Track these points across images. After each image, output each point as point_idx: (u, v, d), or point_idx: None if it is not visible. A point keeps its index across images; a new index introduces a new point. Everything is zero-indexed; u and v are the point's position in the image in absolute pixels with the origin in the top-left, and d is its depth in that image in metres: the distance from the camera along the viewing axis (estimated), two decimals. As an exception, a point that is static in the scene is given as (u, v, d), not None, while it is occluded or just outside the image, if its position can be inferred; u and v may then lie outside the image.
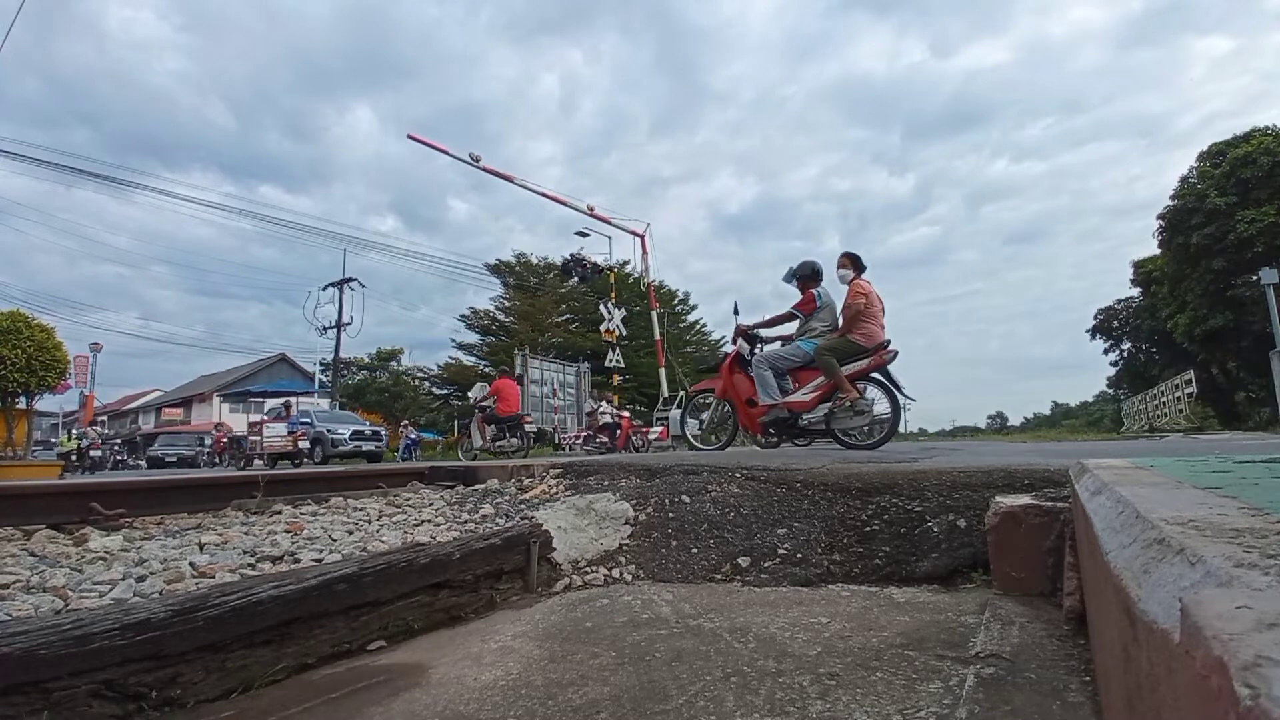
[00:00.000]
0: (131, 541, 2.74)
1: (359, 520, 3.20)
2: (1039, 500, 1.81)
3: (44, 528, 2.98)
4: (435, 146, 17.59)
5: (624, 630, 1.63)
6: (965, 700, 1.09)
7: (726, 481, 2.78)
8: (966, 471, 2.31)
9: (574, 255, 21.14)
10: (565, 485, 3.48)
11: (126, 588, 1.94)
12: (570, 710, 1.17)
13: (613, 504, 2.71)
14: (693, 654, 1.42)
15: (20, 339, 9.00)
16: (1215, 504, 0.88)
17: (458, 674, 1.40)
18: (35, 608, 1.74)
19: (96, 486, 3.49)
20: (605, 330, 20.73)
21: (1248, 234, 21.47)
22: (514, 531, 2.14)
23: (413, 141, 17.49)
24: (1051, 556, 1.69)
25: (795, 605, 1.79)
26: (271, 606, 1.42)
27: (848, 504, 2.37)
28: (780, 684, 1.21)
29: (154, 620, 1.25)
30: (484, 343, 32.40)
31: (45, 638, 1.13)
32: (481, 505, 3.36)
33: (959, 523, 2.10)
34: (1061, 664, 1.23)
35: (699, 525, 2.48)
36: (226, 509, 3.64)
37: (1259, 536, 0.64)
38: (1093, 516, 1.06)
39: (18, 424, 9.78)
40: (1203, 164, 24.15)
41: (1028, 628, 1.45)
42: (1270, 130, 22.76)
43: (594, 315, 24.25)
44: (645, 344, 28.21)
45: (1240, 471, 1.53)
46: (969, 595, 1.83)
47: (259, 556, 2.37)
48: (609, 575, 2.24)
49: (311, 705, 1.28)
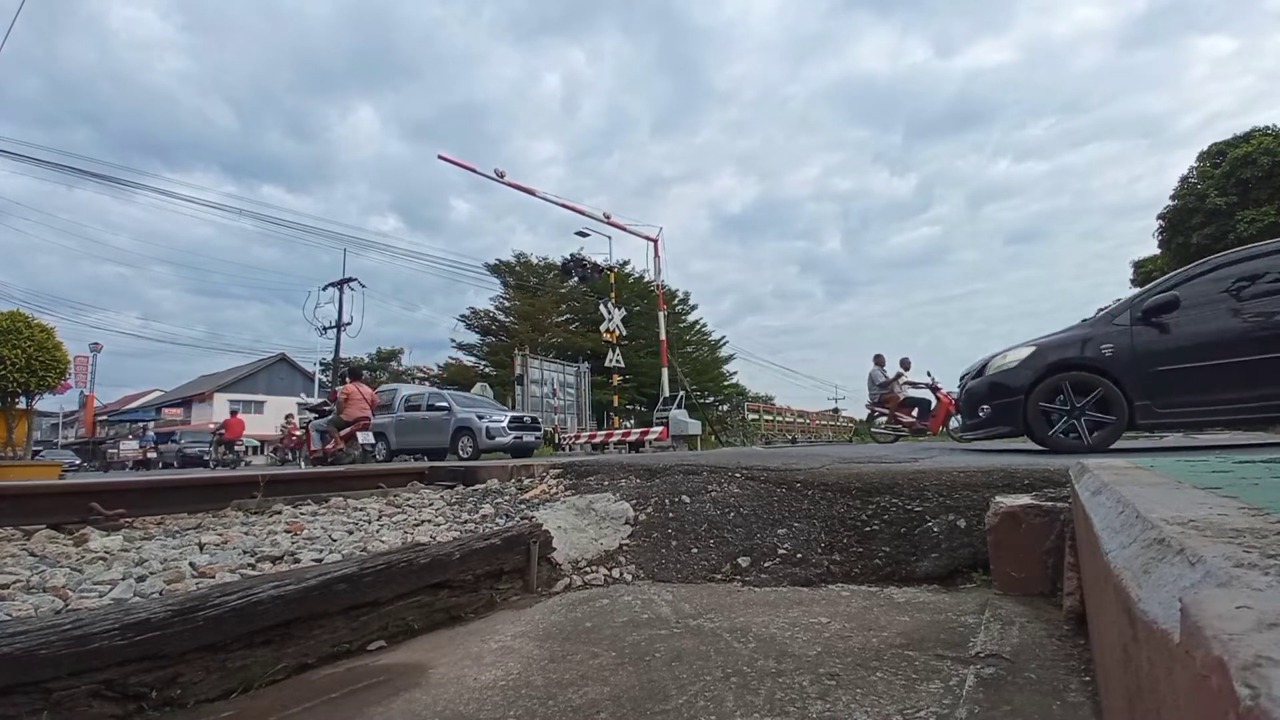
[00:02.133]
0: (131, 541, 2.74)
1: (359, 520, 3.20)
2: (1039, 500, 1.81)
3: (44, 528, 2.97)
4: (464, 165, 18.05)
5: (624, 630, 1.63)
6: (965, 700, 1.09)
7: (726, 481, 2.78)
8: (966, 471, 2.31)
9: (574, 255, 21.14)
10: (565, 485, 3.48)
11: (126, 588, 1.94)
12: (570, 710, 1.16)
13: (613, 504, 2.71)
14: (693, 654, 1.42)
15: (20, 339, 9.00)
16: (1215, 504, 0.88)
17: (458, 674, 1.40)
18: (35, 608, 1.74)
19: (96, 486, 3.48)
20: (605, 330, 20.72)
21: (1248, 234, 21.44)
22: (514, 531, 2.14)
23: (444, 162, 17.88)
24: (1051, 556, 1.69)
25: (795, 605, 1.79)
26: (271, 606, 1.42)
27: (848, 504, 2.37)
28: (780, 684, 1.21)
29: (154, 620, 1.25)
30: (484, 343, 32.38)
31: (45, 638, 1.13)
32: (481, 505, 3.36)
33: (959, 523, 2.10)
34: (1061, 664, 1.23)
35: (699, 525, 2.48)
36: (226, 509, 3.64)
37: (1259, 536, 0.64)
38: (1093, 516, 1.06)
39: (18, 424, 9.78)
40: (1203, 164, 24.14)
41: (1028, 628, 1.45)
42: (1270, 130, 22.75)
43: (594, 315, 24.24)
44: (645, 344, 28.23)
45: (1240, 471, 1.53)
46: (969, 595, 1.83)
47: (259, 556, 2.37)
48: (609, 575, 2.24)
49: (311, 705, 1.28)
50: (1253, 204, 21.91)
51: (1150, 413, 4.28)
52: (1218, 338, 4.12)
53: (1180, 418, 4.28)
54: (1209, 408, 4.18)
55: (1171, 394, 4.21)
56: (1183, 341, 4.23)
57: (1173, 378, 4.21)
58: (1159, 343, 4.30)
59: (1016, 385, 4.69)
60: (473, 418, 12.46)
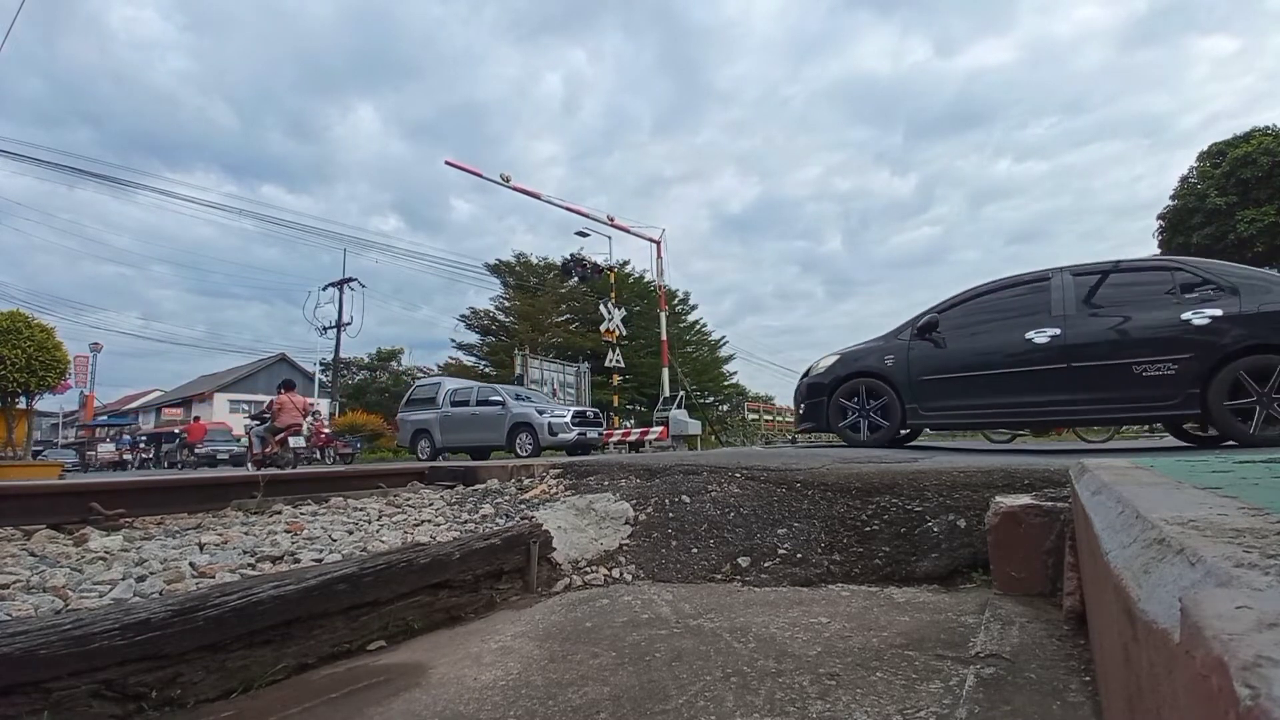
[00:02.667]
0: (131, 541, 2.74)
1: (359, 520, 3.20)
2: (1039, 500, 1.81)
3: (44, 528, 2.97)
4: (471, 171, 18.19)
5: (624, 630, 1.63)
6: (965, 700, 1.09)
7: (726, 481, 2.78)
8: (966, 471, 2.31)
9: (574, 255, 21.16)
10: (565, 485, 3.48)
11: (126, 588, 1.94)
12: (570, 710, 1.17)
13: (613, 504, 2.71)
14: (693, 654, 1.42)
15: (20, 339, 9.00)
16: (1215, 504, 0.88)
17: (458, 674, 1.40)
18: (35, 608, 1.74)
19: (96, 486, 3.48)
20: (605, 330, 20.74)
21: (1248, 234, 21.46)
22: (514, 531, 2.14)
23: (450, 166, 17.99)
24: (1051, 556, 1.69)
25: (795, 605, 1.79)
26: (271, 606, 1.42)
27: (848, 504, 2.37)
28: (780, 684, 1.21)
29: (154, 620, 1.25)
30: (484, 343, 32.40)
31: (45, 638, 1.13)
32: (481, 505, 3.37)
33: (959, 523, 2.10)
34: (1061, 664, 1.23)
35: (699, 525, 2.48)
36: (226, 509, 3.64)
37: (1259, 536, 0.64)
38: (1093, 516, 1.06)
39: (18, 424, 9.79)
40: (1203, 164, 24.13)
41: (1028, 628, 1.45)
42: (1270, 130, 22.73)
43: (594, 315, 24.25)
44: (645, 344, 28.24)
45: (1240, 471, 1.53)
46: (969, 595, 1.83)
47: (259, 556, 2.37)
48: (609, 575, 2.24)
49: (311, 705, 1.28)
50: (1252, 204, 21.90)
51: (916, 414, 5.12)
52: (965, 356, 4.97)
53: (938, 419, 5.14)
54: (958, 412, 5.05)
55: (931, 399, 5.06)
56: (940, 357, 5.08)
57: (932, 386, 5.06)
58: (924, 357, 5.13)
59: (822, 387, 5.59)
60: (532, 413, 12.03)
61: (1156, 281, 4.53)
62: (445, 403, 13.10)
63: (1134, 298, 4.54)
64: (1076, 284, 4.73)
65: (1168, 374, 4.27)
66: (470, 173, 18.15)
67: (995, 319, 4.95)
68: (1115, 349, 4.44)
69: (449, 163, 17.88)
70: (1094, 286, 4.68)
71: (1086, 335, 4.53)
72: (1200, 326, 4.21)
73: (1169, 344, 4.28)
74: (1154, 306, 4.42)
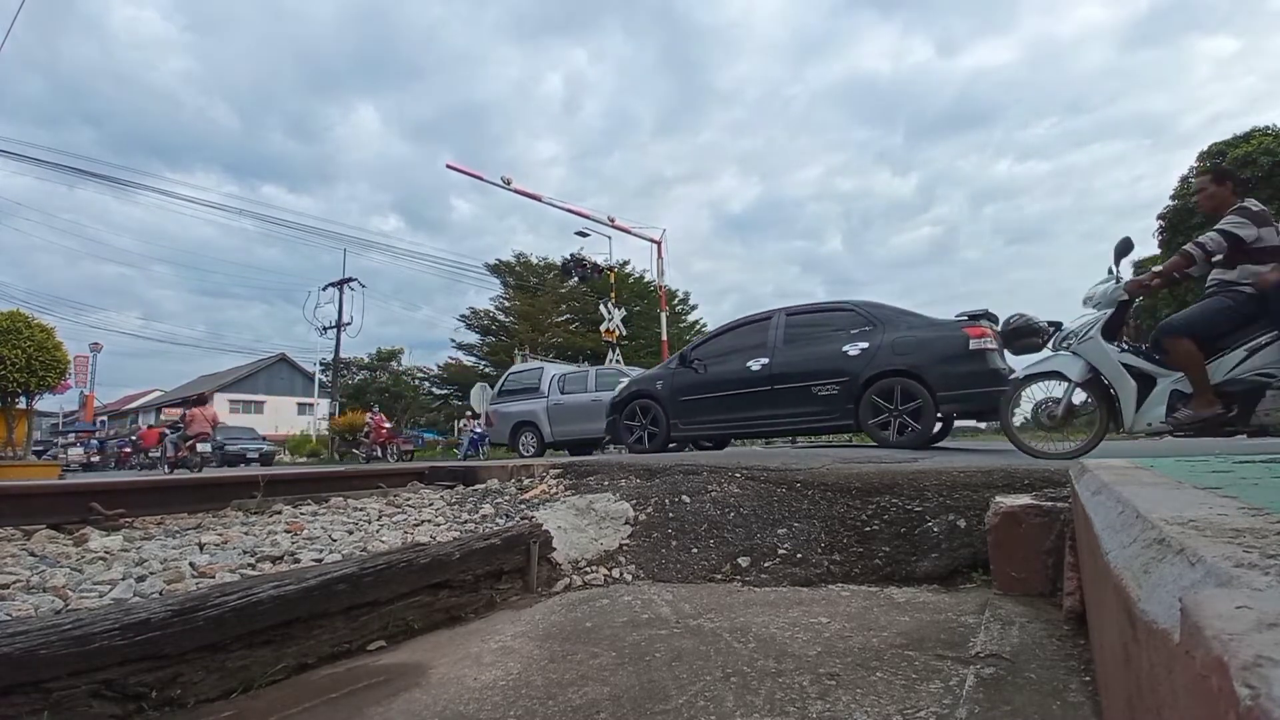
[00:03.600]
0: (131, 541, 2.74)
1: (359, 520, 3.20)
2: (1039, 500, 1.81)
3: (44, 528, 2.97)
4: (472, 174, 18.32)
5: (624, 630, 1.63)
6: (965, 700, 1.09)
7: (726, 481, 2.78)
8: (966, 471, 2.31)
9: (574, 255, 21.16)
10: (565, 485, 3.48)
11: (126, 588, 1.94)
12: (570, 710, 1.17)
13: (613, 504, 2.71)
14: (693, 654, 1.42)
15: (20, 339, 9.01)
16: (1215, 504, 0.88)
17: (458, 674, 1.40)
18: (35, 608, 1.74)
19: (96, 486, 3.48)
20: (605, 330, 20.74)
21: (1248, 234, 21.46)
22: (514, 531, 2.14)
23: (451, 170, 18.12)
24: (1051, 556, 1.69)
25: (795, 605, 1.79)
26: (271, 606, 1.42)
27: (848, 504, 2.37)
28: (780, 684, 1.21)
29: (154, 620, 1.25)
30: (484, 343, 32.43)
31: (45, 638, 1.13)
32: (481, 505, 3.36)
33: (959, 523, 2.10)
34: (1061, 664, 1.23)
35: (699, 525, 2.48)
36: (226, 509, 3.64)
37: (1259, 536, 0.64)
38: (1093, 516, 1.06)
39: (18, 424, 9.79)
40: (1203, 164, 24.14)
41: (1028, 628, 1.45)
42: (1270, 130, 22.73)
43: (594, 315, 24.27)
44: (645, 344, 28.24)
45: (1240, 471, 1.52)
46: (969, 595, 1.83)
47: (259, 556, 2.37)
48: (609, 575, 2.24)
49: (311, 705, 1.28)
50: (1253, 204, 21.88)
51: (677, 428, 6.36)
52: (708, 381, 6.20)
53: (691, 431, 6.34)
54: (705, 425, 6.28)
55: (686, 415, 6.32)
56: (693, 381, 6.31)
57: (687, 405, 6.31)
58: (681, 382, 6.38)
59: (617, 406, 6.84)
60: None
61: (836, 321, 5.74)
62: (553, 390, 11.55)
63: (819, 334, 5.76)
64: (788, 322, 6.00)
65: (834, 394, 5.45)
66: (473, 176, 18.25)
67: (732, 351, 6.19)
68: (802, 374, 5.65)
69: (450, 166, 17.98)
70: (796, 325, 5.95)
71: (785, 364, 5.76)
72: (852, 356, 5.40)
73: (834, 371, 5.47)
74: (829, 341, 5.63)
